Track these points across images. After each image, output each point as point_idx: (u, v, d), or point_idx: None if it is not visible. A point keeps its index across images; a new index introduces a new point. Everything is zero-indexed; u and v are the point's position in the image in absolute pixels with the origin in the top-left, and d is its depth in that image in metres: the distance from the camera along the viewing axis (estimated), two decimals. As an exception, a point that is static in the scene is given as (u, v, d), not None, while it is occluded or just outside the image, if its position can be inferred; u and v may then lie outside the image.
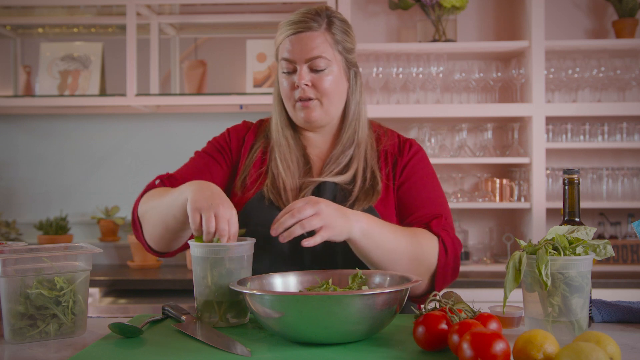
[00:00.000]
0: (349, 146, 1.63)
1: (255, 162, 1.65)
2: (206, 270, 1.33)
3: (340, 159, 1.62)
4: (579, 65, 3.19)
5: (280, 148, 1.63)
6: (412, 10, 3.37)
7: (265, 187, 1.59)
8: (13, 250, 1.31)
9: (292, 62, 1.58)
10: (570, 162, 3.35)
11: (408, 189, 1.62)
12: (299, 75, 1.57)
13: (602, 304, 1.44)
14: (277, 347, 1.18)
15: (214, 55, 3.59)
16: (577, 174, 1.38)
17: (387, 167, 1.65)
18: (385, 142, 1.68)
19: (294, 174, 1.60)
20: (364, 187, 1.59)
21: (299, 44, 1.56)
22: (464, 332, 1.06)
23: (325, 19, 1.59)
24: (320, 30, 1.58)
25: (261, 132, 1.71)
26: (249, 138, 1.69)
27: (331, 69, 1.58)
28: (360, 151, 1.63)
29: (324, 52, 1.57)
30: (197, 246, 1.34)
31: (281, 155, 1.62)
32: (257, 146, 1.67)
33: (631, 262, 3.13)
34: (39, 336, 1.26)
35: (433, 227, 1.55)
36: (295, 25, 1.58)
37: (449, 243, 1.54)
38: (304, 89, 1.57)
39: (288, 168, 1.60)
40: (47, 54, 3.38)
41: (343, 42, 1.61)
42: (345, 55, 1.62)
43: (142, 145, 3.54)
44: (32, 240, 3.44)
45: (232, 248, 1.34)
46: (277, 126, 1.65)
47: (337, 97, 1.61)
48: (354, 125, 1.65)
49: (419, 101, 3.33)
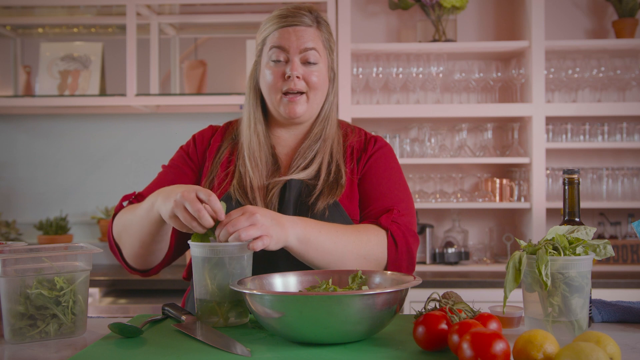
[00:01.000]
0: (315, 141, 1.64)
1: (222, 163, 1.64)
2: (206, 271, 1.33)
3: (307, 154, 1.62)
4: (579, 65, 3.19)
5: (250, 145, 1.62)
6: (412, 10, 3.37)
7: (232, 187, 1.58)
8: (13, 250, 1.31)
9: (285, 51, 1.57)
10: (570, 162, 3.35)
11: (366, 183, 1.63)
12: (292, 65, 1.57)
13: (602, 304, 1.44)
14: (277, 347, 1.18)
15: (214, 55, 3.59)
16: (577, 174, 1.39)
17: (352, 162, 1.65)
18: (352, 139, 1.69)
19: (261, 173, 1.60)
20: (327, 181, 1.59)
21: (294, 35, 1.57)
22: (464, 332, 1.06)
23: (315, 17, 1.62)
24: (313, 27, 1.60)
25: (229, 133, 1.71)
26: (215, 140, 1.69)
27: (320, 65, 1.60)
28: (326, 146, 1.63)
29: (317, 46, 1.59)
30: (197, 246, 1.34)
31: (250, 153, 1.61)
32: (225, 147, 1.67)
33: (631, 262, 3.13)
34: (39, 336, 1.26)
35: (382, 221, 1.54)
36: (290, 19, 1.59)
37: (398, 236, 1.52)
38: (295, 81, 1.57)
39: (256, 166, 1.60)
40: (47, 54, 3.38)
41: (329, 42, 1.64)
42: (331, 56, 1.65)
43: (142, 145, 3.54)
44: (32, 240, 3.44)
45: (232, 248, 1.34)
46: (250, 121, 1.64)
47: (321, 94, 1.63)
48: (323, 123, 1.66)
49: (419, 101, 3.33)
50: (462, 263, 3.17)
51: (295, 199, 1.57)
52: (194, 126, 3.50)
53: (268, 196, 1.57)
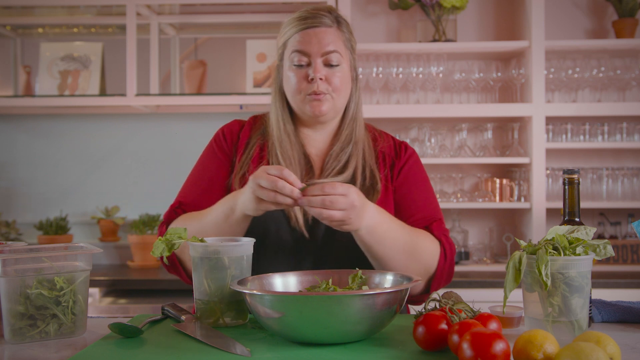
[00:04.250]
0: (347, 144, 1.64)
1: (253, 158, 1.64)
2: (205, 271, 1.33)
3: (340, 156, 1.62)
4: (579, 65, 3.19)
5: (282, 144, 1.62)
6: (412, 10, 3.37)
7: None
8: (13, 250, 1.31)
9: (307, 55, 1.57)
10: (570, 162, 3.35)
11: (405, 192, 1.63)
12: (315, 68, 1.56)
13: (602, 304, 1.44)
14: (277, 347, 1.18)
15: (214, 55, 3.59)
16: (577, 174, 1.38)
17: (385, 169, 1.65)
18: (382, 144, 1.69)
19: (295, 170, 1.60)
20: (364, 186, 1.60)
21: (315, 38, 1.57)
22: (464, 332, 1.06)
23: (335, 17, 1.61)
24: (334, 28, 1.59)
25: (257, 128, 1.70)
26: (244, 135, 1.69)
27: (342, 66, 1.59)
28: (358, 149, 1.64)
29: (338, 47, 1.59)
30: (196, 247, 1.34)
31: (282, 151, 1.61)
32: (254, 142, 1.66)
33: (631, 262, 3.13)
34: (39, 336, 1.26)
35: (434, 231, 1.57)
36: (310, 20, 1.58)
37: (448, 249, 1.57)
38: (318, 83, 1.56)
39: (290, 165, 1.60)
40: (47, 54, 3.38)
41: (350, 41, 1.63)
42: (352, 55, 1.64)
43: (142, 145, 3.54)
44: (32, 240, 3.44)
45: (231, 248, 1.34)
46: (279, 123, 1.64)
47: (345, 94, 1.62)
48: (351, 124, 1.66)
49: (419, 101, 3.33)
50: (462, 263, 3.17)
51: None
52: (194, 126, 3.54)
53: None
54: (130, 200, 3.52)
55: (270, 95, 1.69)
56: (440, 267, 1.54)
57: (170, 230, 1.35)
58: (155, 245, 1.35)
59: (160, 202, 3.47)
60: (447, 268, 1.56)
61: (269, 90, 3.25)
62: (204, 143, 1.74)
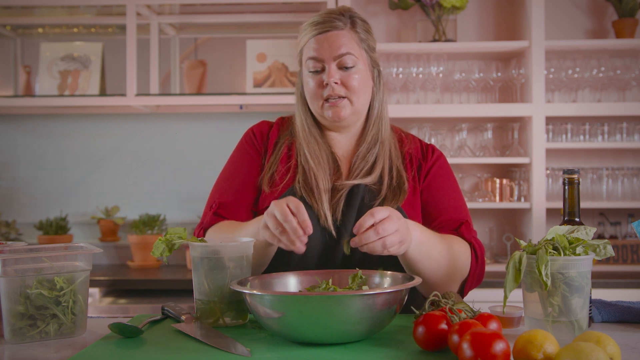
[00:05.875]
0: (373, 144, 1.63)
1: (282, 158, 1.63)
2: (205, 271, 1.33)
3: (368, 157, 1.61)
4: (579, 65, 3.19)
5: (310, 145, 1.61)
6: (412, 10, 3.37)
7: (297, 182, 1.57)
8: (13, 250, 1.31)
9: (320, 61, 1.57)
10: (570, 162, 3.35)
11: (433, 193, 1.63)
12: (328, 73, 1.56)
13: (602, 304, 1.44)
14: (277, 347, 1.18)
15: (214, 55, 3.59)
16: (577, 174, 1.39)
17: (412, 171, 1.65)
18: (408, 146, 1.68)
19: (325, 169, 1.58)
20: (391, 186, 1.59)
21: (327, 42, 1.56)
22: (464, 332, 1.06)
23: (349, 18, 1.60)
24: (346, 29, 1.58)
25: (284, 129, 1.69)
26: (273, 134, 1.68)
27: (358, 67, 1.58)
28: (385, 150, 1.63)
29: (352, 49, 1.57)
30: (196, 247, 1.34)
31: (311, 151, 1.60)
32: (282, 142, 1.66)
33: (631, 262, 3.13)
34: (39, 336, 1.26)
35: (465, 234, 1.57)
36: (321, 25, 1.58)
37: (479, 250, 1.57)
38: (334, 87, 1.56)
39: (319, 164, 1.58)
40: (47, 54, 3.38)
41: (367, 40, 1.62)
42: (370, 54, 1.62)
43: (142, 145, 3.54)
44: (32, 240, 3.43)
45: (231, 248, 1.33)
46: (304, 126, 1.64)
47: (365, 95, 1.61)
48: (377, 124, 1.65)
49: (419, 101, 3.33)
50: (462, 263, 3.16)
51: (360, 203, 1.55)
52: (194, 126, 3.54)
53: (334, 198, 1.56)
54: (130, 200, 3.52)
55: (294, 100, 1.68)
56: (472, 270, 1.55)
57: (170, 230, 1.35)
58: (156, 246, 1.35)
59: (160, 202, 3.49)
60: (479, 270, 1.57)
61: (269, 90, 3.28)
62: (204, 143, 1.74)
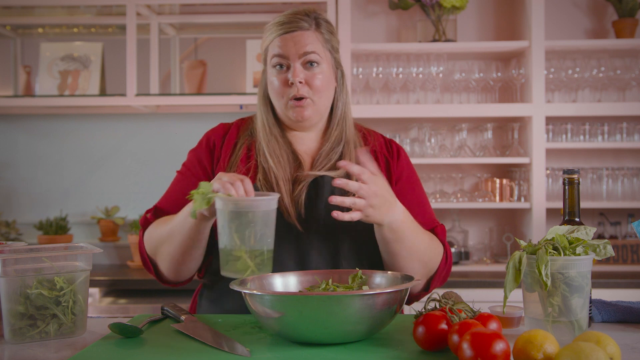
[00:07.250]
0: (337, 144, 1.65)
1: (241, 159, 1.64)
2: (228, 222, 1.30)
3: (331, 156, 1.63)
4: (579, 65, 3.19)
5: (269, 144, 1.62)
6: (412, 10, 3.37)
7: (257, 181, 1.59)
8: (13, 250, 1.31)
9: (286, 58, 1.58)
10: (570, 162, 3.35)
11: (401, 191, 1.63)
12: (293, 72, 1.57)
13: (602, 304, 1.44)
14: (277, 347, 1.18)
15: (214, 55, 3.59)
16: (577, 174, 1.39)
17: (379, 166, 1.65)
18: (372, 142, 1.70)
19: (285, 168, 1.60)
20: None
21: (292, 41, 1.58)
22: (464, 332, 1.06)
23: (314, 19, 1.62)
24: (311, 30, 1.60)
25: (243, 130, 1.70)
26: (230, 137, 1.69)
27: (322, 67, 1.60)
28: (350, 149, 1.64)
29: (316, 49, 1.59)
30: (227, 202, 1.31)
31: (270, 151, 1.61)
32: (241, 143, 1.67)
33: (631, 262, 3.13)
34: (39, 336, 1.26)
35: (439, 235, 1.61)
36: (287, 25, 1.59)
37: (449, 253, 1.62)
38: (298, 87, 1.57)
39: (279, 162, 1.60)
40: (47, 54, 3.38)
41: (331, 41, 1.64)
42: (333, 55, 1.65)
43: (142, 145, 3.54)
44: (32, 240, 3.43)
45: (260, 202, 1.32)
46: (265, 125, 1.65)
47: (327, 95, 1.63)
48: (341, 124, 1.67)
49: (419, 101, 3.33)
50: (462, 263, 3.17)
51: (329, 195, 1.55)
52: (194, 126, 3.54)
53: (295, 190, 1.57)
54: (130, 200, 3.52)
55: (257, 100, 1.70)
56: (440, 269, 1.59)
57: (201, 184, 1.35)
58: (197, 199, 1.33)
59: (160, 202, 3.49)
60: (446, 272, 1.61)
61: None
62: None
